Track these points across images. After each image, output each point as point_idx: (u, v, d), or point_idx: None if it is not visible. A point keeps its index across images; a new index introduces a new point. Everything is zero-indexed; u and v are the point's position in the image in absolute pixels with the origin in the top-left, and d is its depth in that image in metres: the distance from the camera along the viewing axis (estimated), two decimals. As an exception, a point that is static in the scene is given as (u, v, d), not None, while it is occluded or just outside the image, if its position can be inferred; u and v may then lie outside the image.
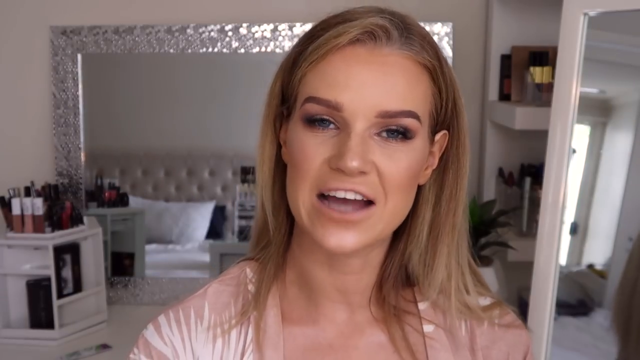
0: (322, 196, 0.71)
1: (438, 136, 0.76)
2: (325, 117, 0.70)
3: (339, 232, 0.70)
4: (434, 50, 0.74)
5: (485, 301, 0.84)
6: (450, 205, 0.77)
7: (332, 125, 0.70)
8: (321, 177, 0.70)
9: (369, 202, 0.71)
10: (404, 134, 0.71)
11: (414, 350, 0.79)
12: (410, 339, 0.79)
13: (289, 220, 0.80)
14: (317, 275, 0.78)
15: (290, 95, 0.75)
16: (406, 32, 0.72)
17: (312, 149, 0.70)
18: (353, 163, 0.68)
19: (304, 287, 0.80)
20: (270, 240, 0.81)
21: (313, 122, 0.71)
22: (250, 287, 0.81)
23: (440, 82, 0.74)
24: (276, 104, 0.77)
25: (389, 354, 0.79)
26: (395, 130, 0.70)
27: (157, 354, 0.78)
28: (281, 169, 0.78)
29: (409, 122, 0.71)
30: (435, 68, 0.73)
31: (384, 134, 0.70)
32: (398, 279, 0.81)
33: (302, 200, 0.72)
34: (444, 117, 0.76)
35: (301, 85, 0.73)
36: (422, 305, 0.81)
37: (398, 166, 0.71)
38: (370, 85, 0.69)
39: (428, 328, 0.80)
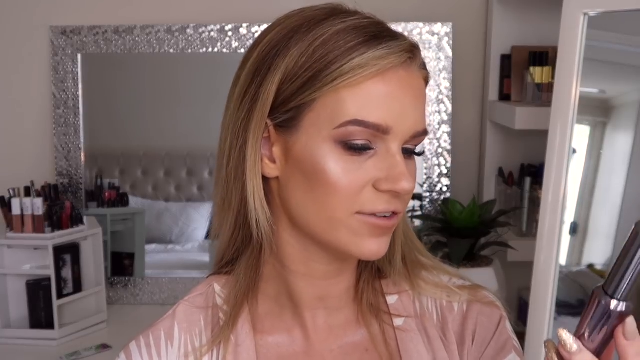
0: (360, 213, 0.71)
1: None
2: (368, 143, 0.69)
3: (379, 239, 0.71)
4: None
5: (457, 283, 0.84)
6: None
7: (368, 148, 0.69)
8: (364, 199, 0.70)
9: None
10: (415, 151, 0.73)
11: (385, 344, 0.80)
12: (382, 334, 0.80)
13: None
14: (298, 286, 0.78)
15: (291, 105, 0.70)
16: (418, 50, 0.73)
17: (352, 174, 0.69)
18: (410, 185, 0.69)
19: (281, 299, 0.79)
20: (236, 255, 0.80)
21: (354, 147, 0.69)
22: (220, 302, 0.81)
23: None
24: (266, 108, 0.71)
25: (362, 352, 0.80)
26: (411, 148, 0.72)
27: None
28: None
29: (423, 139, 0.73)
30: (427, 82, 0.75)
31: (402, 151, 0.71)
32: (370, 276, 0.82)
33: (340, 219, 0.70)
34: None
35: (327, 101, 0.69)
36: (391, 300, 0.82)
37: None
38: (410, 107, 0.70)
39: (398, 321, 0.81)
